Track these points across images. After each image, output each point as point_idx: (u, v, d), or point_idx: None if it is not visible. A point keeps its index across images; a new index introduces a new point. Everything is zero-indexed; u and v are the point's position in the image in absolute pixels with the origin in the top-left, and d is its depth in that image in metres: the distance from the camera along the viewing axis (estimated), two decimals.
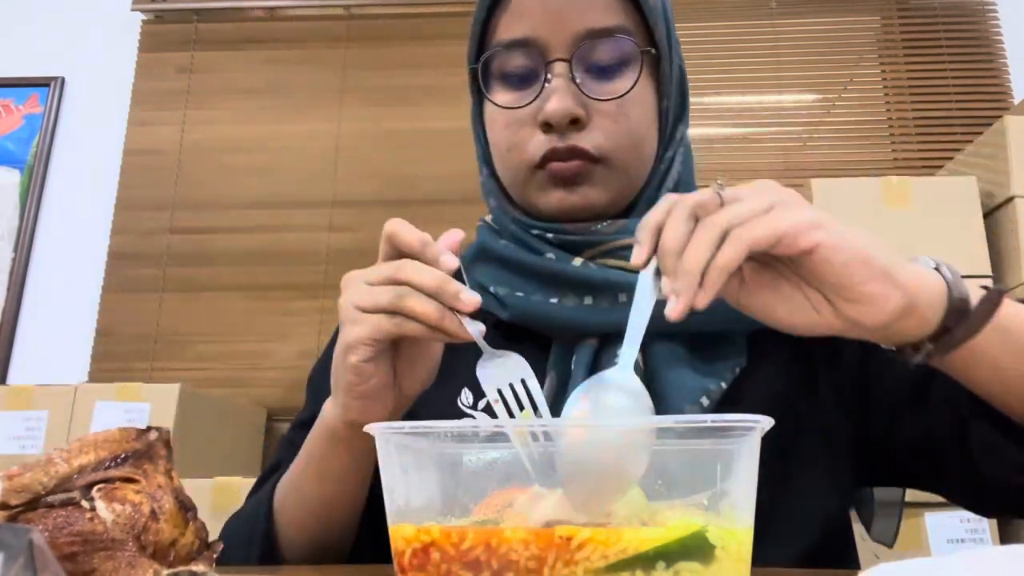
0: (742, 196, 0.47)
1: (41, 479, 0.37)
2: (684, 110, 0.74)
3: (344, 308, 0.57)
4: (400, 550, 0.37)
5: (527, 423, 0.43)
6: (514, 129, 0.69)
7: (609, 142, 0.67)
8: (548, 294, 0.68)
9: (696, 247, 0.45)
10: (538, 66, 0.68)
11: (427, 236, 0.57)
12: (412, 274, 0.54)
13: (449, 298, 0.53)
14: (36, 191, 2.54)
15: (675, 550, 0.33)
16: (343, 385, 0.57)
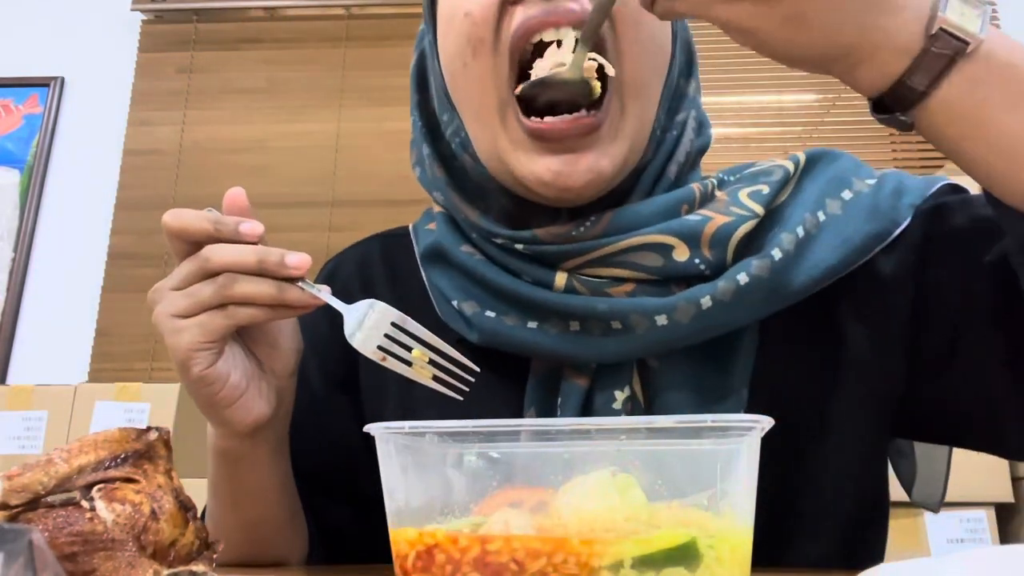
0: None
1: (41, 479, 0.37)
2: (692, 66, 0.62)
3: (160, 321, 0.50)
4: (403, 553, 0.37)
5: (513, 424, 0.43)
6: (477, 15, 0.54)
7: (625, 58, 0.53)
8: (526, 318, 0.55)
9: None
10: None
11: (212, 212, 0.50)
12: (223, 256, 0.48)
13: (275, 267, 0.48)
14: (36, 191, 2.54)
15: (660, 558, 0.33)
16: (204, 403, 0.51)
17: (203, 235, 0.49)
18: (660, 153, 0.59)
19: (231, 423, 0.53)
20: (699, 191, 0.58)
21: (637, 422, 0.38)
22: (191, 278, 0.49)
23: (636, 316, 0.52)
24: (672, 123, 0.60)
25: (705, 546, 0.34)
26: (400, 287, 0.66)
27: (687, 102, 0.61)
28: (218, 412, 0.52)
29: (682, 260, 0.54)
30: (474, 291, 0.58)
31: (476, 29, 0.54)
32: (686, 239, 0.54)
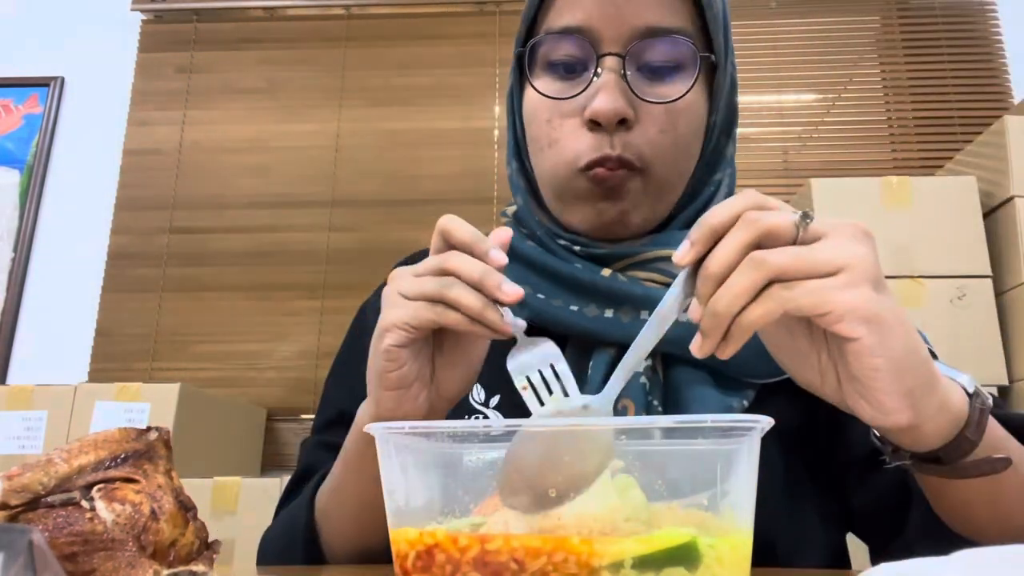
0: (823, 233, 0.43)
1: (41, 479, 0.37)
2: (733, 126, 0.72)
3: (387, 294, 0.55)
4: (403, 553, 0.37)
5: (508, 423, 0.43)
6: (557, 123, 0.65)
7: (652, 151, 0.64)
8: (570, 300, 0.66)
9: (735, 288, 0.42)
10: (588, 58, 0.64)
11: (480, 233, 0.56)
12: (457, 263, 0.53)
13: (492, 288, 0.52)
14: (36, 191, 2.54)
15: (660, 558, 0.33)
16: (376, 373, 0.56)
17: (460, 243, 0.54)
18: (696, 204, 0.70)
19: (380, 405, 0.57)
20: None
21: (637, 422, 0.38)
22: (429, 271, 0.54)
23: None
24: (710, 180, 0.71)
25: (705, 546, 0.34)
26: None
27: (725, 163, 0.71)
28: (378, 390, 0.56)
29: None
30: (530, 278, 0.68)
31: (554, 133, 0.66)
32: None
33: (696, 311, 0.44)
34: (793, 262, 0.42)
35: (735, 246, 0.42)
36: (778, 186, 2.42)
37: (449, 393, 0.58)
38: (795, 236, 0.43)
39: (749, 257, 0.42)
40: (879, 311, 0.42)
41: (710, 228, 0.43)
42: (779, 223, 0.43)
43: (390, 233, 2.45)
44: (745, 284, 0.42)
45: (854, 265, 0.42)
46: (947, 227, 1.80)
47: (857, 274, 0.42)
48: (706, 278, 0.43)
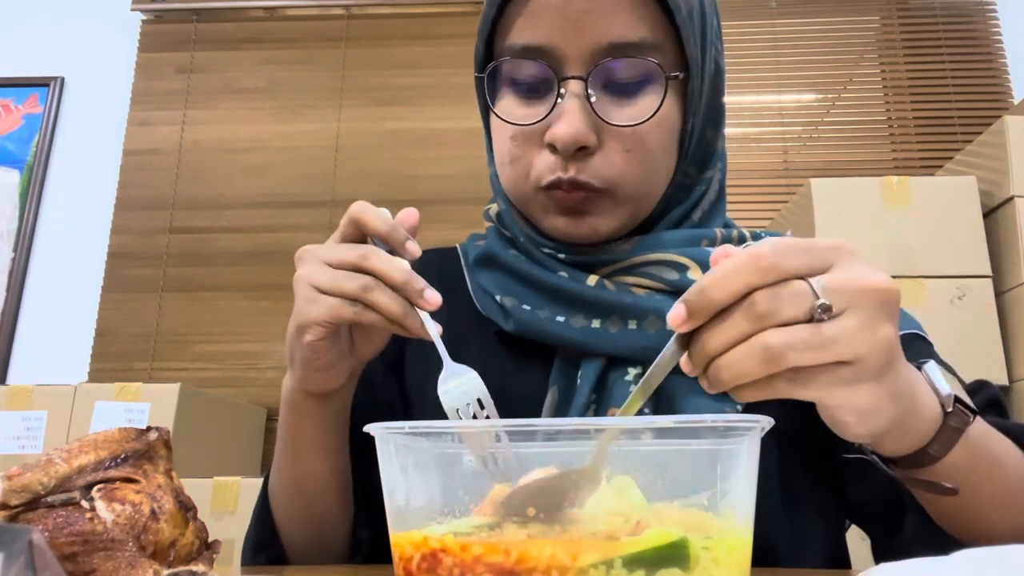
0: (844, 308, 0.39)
1: (41, 479, 0.37)
2: (719, 122, 0.68)
3: (301, 285, 0.55)
4: (407, 555, 0.37)
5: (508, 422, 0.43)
6: (519, 142, 0.63)
7: (616, 174, 0.61)
8: (556, 311, 0.64)
9: (739, 370, 0.39)
10: (551, 79, 0.61)
11: (391, 219, 0.56)
12: (379, 265, 0.53)
13: (413, 294, 0.53)
14: (36, 191, 2.54)
15: (652, 558, 0.33)
16: (299, 361, 0.58)
17: (376, 232, 0.55)
18: (686, 203, 0.68)
19: (309, 383, 0.60)
20: (720, 234, 0.67)
21: (637, 423, 0.38)
22: (345, 264, 0.54)
23: (653, 316, 0.62)
24: (701, 178, 0.68)
25: (700, 547, 0.34)
26: (448, 288, 0.74)
27: (715, 157, 0.69)
28: (305, 372, 0.58)
29: (695, 279, 0.62)
30: (515, 288, 0.67)
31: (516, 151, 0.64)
32: (701, 264, 0.63)
33: (689, 368, 0.42)
34: (807, 357, 0.39)
35: (738, 335, 0.39)
36: (778, 186, 2.42)
37: (366, 357, 0.61)
38: (810, 327, 0.39)
39: (764, 347, 0.38)
40: (873, 405, 0.42)
41: (711, 304, 0.39)
42: (796, 311, 0.39)
43: None
44: (751, 372, 0.39)
45: (865, 358, 0.40)
46: (947, 227, 1.80)
47: (866, 368, 0.40)
48: (704, 355, 0.40)
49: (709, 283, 0.40)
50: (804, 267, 0.40)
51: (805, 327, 0.39)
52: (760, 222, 2.33)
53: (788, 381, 0.40)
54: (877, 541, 0.66)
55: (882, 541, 0.65)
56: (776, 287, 0.39)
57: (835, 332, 0.39)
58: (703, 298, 0.40)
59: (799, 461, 0.65)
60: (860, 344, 0.39)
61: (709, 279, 0.40)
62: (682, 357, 0.42)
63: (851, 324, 0.39)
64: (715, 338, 0.40)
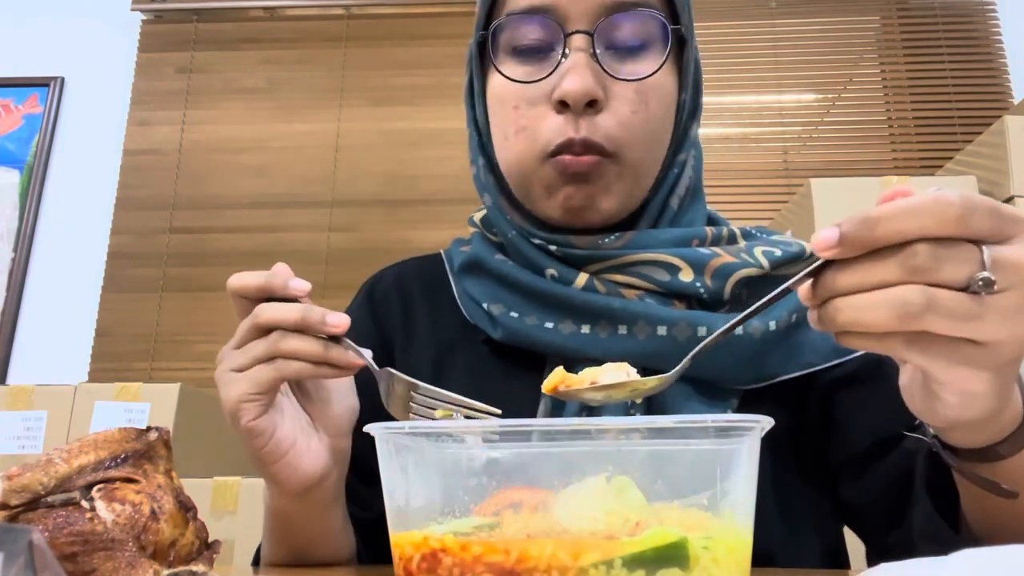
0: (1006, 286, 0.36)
1: (41, 479, 0.37)
2: (698, 107, 0.69)
3: (218, 376, 0.53)
4: (407, 555, 0.37)
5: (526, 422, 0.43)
6: (524, 109, 0.62)
7: (624, 132, 0.60)
8: (544, 317, 0.63)
9: (863, 314, 0.36)
10: (555, 38, 0.61)
11: (267, 272, 0.54)
12: (270, 315, 0.51)
13: (316, 325, 0.51)
14: (36, 191, 2.54)
15: (651, 558, 0.33)
16: (252, 456, 0.54)
17: (256, 291, 0.53)
18: (663, 188, 0.67)
19: (278, 480, 0.55)
20: (711, 233, 0.66)
21: (637, 422, 0.38)
22: (247, 336, 0.53)
23: (642, 322, 0.60)
24: (675, 162, 0.67)
25: (700, 547, 0.34)
26: (433, 297, 0.74)
27: (689, 143, 0.68)
28: (265, 467, 0.54)
29: (686, 280, 0.62)
30: (502, 295, 0.66)
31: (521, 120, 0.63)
32: (692, 265, 0.62)
33: (807, 297, 0.38)
34: (944, 325, 0.36)
35: (880, 280, 0.36)
36: (778, 186, 2.42)
37: (340, 428, 0.57)
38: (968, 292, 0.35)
39: (903, 302, 0.35)
40: (982, 393, 0.39)
41: (871, 238, 0.36)
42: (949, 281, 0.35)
43: (390, 233, 2.46)
44: (876, 323, 0.36)
45: (1001, 346, 0.37)
46: None
47: (996, 356, 0.37)
48: (830, 289, 0.37)
49: (879, 215, 0.35)
50: (987, 231, 0.36)
51: (955, 294, 0.35)
52: (760, 222, 2.33)
53: (907, 343, 0.37)
54: (874, 538, 0.65)
55: (879, 538, 0.64)
56: (945, 244, 0.35)
57: (984, 309, 0.35)
58: (864, 228, 0.35)
59: (793, 464, 0.65)
60: (1003, 329, 0.36)
61: (880, 211, 0.35)
62: (805, 285, 0.38)
63: (1005, 305, 0.36)
64: (853, 276, 0.36)
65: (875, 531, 0.65)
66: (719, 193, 2.41)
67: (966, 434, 0.45)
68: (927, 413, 0.43)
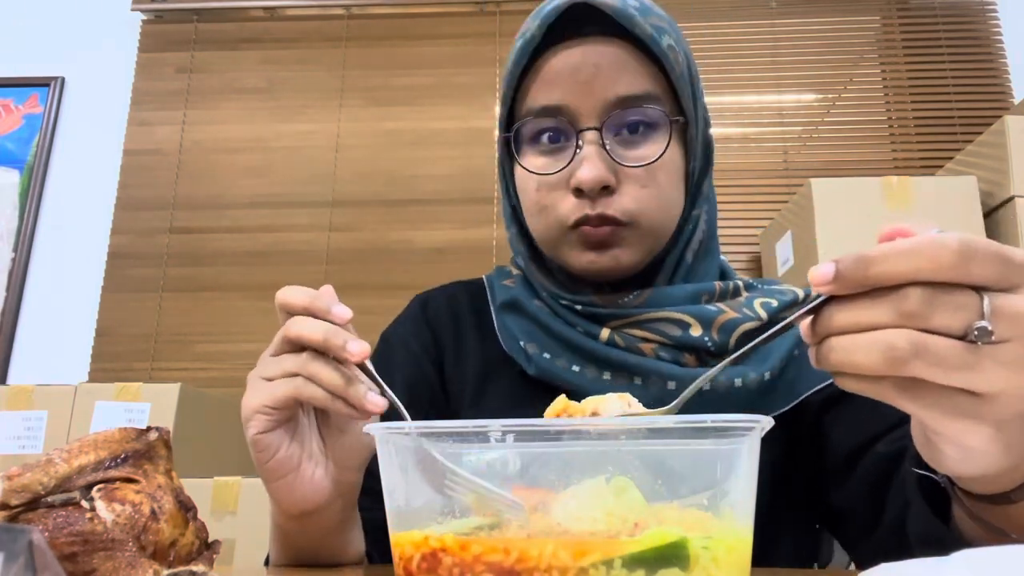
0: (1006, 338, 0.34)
1: (41, 479, 0.37)
2: (709, 164, 0.75)
3: (249, 378, 0.54)
4: (407, 555, 0.37)
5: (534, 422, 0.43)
6: (545, 192, 0.70)
7: (637, 206, 0.68)
8: (572, 362, 0.71)
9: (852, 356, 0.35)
10: (569, 132, 0.68)
11: (317, 293, 0.55)
12: (298, 329, 0.52)
13: (336, 349, 0.51)
14: (36, 191, 2.54)
15: (651, 558, 0.33)
16: (257, 468, 0.54)
17: (299, 309, 0.53)
18: (679, 243, 0.74)
19: (275, 498, 0.56)
20: (719, 288, 0.73)
21: (637, 423, 0.38)
22: (280, 348, 0.54)
23: (655, 376, 0.68)
24: (689, 217, 0.74)
25: (699, 547, 0.34)
26: (478, 321, 0.83)
27: (702, 199, 0.75)
28: (266, 483, 0.55)
29: (695, 335, 0.69)
30: (537, 336, 0.74)
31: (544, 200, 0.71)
32: (701, 322, 0.69)
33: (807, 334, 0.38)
34: (934, 373, 0.35)
35: (871, 322, 0.35)
36: (778, 186, 2.42)
37: (351, 462, 0.56)
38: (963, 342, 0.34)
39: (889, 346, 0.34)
40: (981, 449, 0.37)
41: (864, 278, 0.35)
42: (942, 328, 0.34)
43: (390, 233, 2.46)
44: (864, 365, 0.35)
45: (999, 399, 0.35)
46: (947, 227, 1.77)
47: (994, 409, 0.35)
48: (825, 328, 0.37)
49: (874, 255, 0.35)
50: (990, 278, 0.34)
51: (947, 342, 0.34)
52: (760, 222, 2.33)
53: (897, 389, 0.36)
54: (855, 546, 0.69)
55: (858, 546, 0.68)
56: (939, 290, 0.34)
57: (979, 359, 0.34)
58: (859, 268, 0.35)
59: (785, 493, 0.70)
60: (1001, 381, 0.34)
61: (876, 251, 0.35)
62: (805, 321, 0.38)
63: (1003, 356, 0.34)
64: (846, 315, 0.36)
65: (856, 535, 0.68)
66: (720, 193, 2.40)
67: (977, 483, 0.43)
68: (933, 463, 0.42)
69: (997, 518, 0.45)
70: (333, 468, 0.56)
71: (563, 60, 0.68)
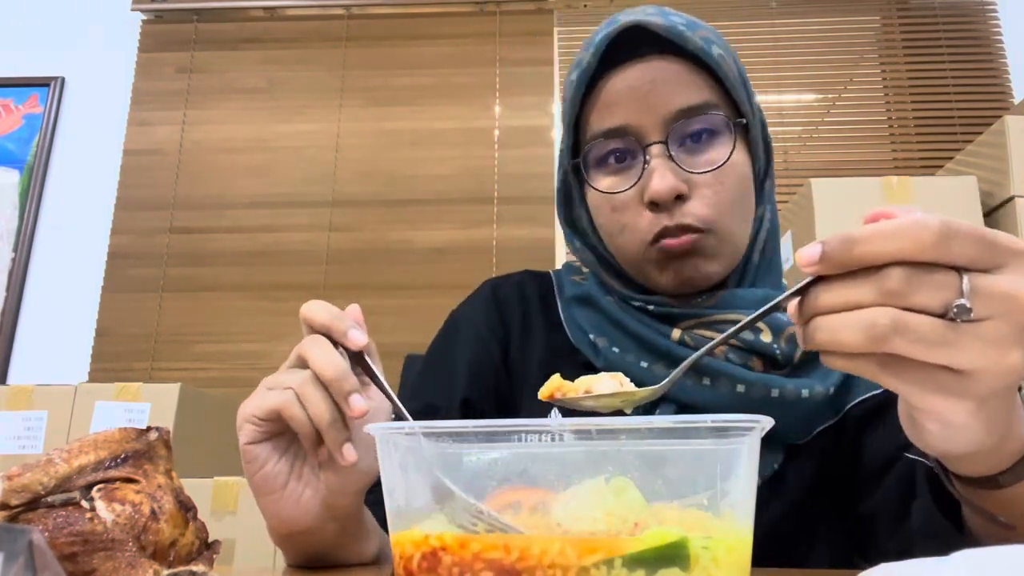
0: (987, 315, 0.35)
1: (41, 479, 0.37)
2: (770, 164, 0.76)
3: (259, 386, 0.53)
4: (408, 554, 0.37)
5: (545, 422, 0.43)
6: (621, 211, 0.70)
7: (712, 211, 0.68)
8: (641, 357, 0.71)
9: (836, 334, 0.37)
10: (636, 150, 0.69)
11: (340, 313, 0.53)
12: (312, 354, 0.50)
13: (340, 396, 0.49)
14: (36, 191, 2.54)
15: (651, 557, 0.33)
16: (246, 477, 0.54)
17: (320, 327, 0.52)
18: (750, 245, 0.74)
19: (264, 514, 0.55)
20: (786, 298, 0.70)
21: (637, 422, 0.38)
22: (292, 362, 0.53)
23: (724, 378, 0.67)
24: (755, 218, 0.74)
25: (699, 547, 0.34)
26: (546, 311, 0.83)
27: (764, 198, 0.75)
28: (255, 497, 0.54)
29: (765, 341, 0.69)
30: (607, 330, 0.74)
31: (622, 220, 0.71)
32: (772, 328, 0.70)
33: (794, 315, 0.40)
34: (913, 350, 0.36)
35: (854, 301, 0.36)
36: (778, 186, 2.41)
37: (343, 487, 0.54)
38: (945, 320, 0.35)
39: (871, 323, 0.35)
40: (963, 425, 0.38)
41: (849, 258, 0.36)
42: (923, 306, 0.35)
43: (390, 233, 2.46)
44: (848, 343, 0.36)
45: (979, 375, 0.36)
46: None
47: (974, 386, 0.37)
48: (812, 308, 0.38)
49: (858, 235, 0.36)
50: (969, 258, 0.36)
51: (926, 319, 0.35)
52: None
53: (880, 366, 0.37)
54: (875, 548, 0.69)
55: (878, 548, 0.68)
56: (920, 270, 0.36)
57: (959, 336, 0.35)
58: (844, 248, 0.36)
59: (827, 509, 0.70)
60: (980, 358, 0.36)
61: (861, 232, 0.36)
62: (793, 302, 0.39)
63: (984, 334, 0.35)
64: (830, 296, 0.37)
65: (879, 538, 0.68)
66: None
67: (963, 464, 0.44)
68: (918, 441, 0.43)
69: (991, 504, 0.46)
70: (325, 491, 0.54)
71: (621, 82, 0.69)
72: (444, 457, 0.40)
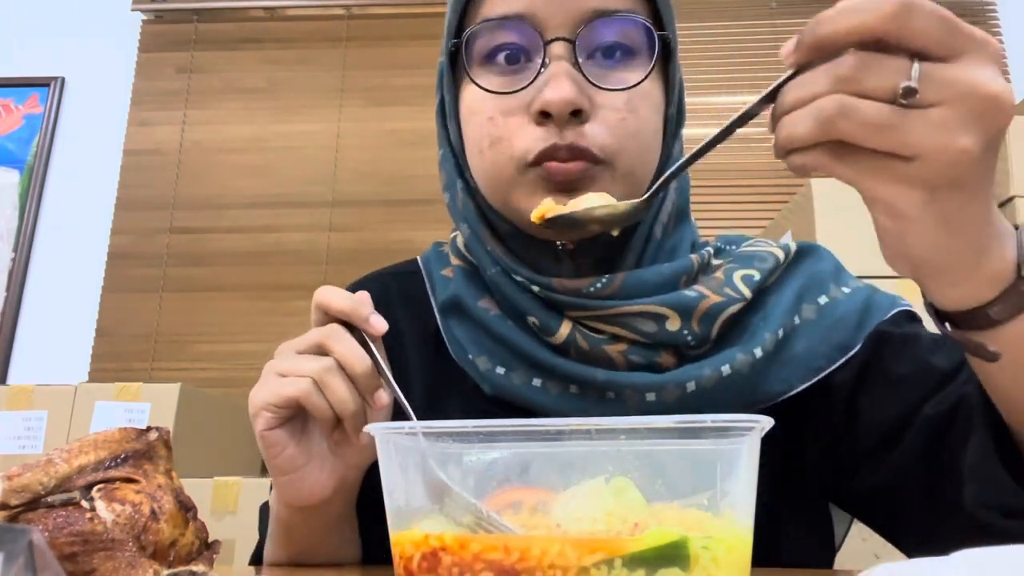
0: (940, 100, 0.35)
1: (41, 479, 0.37)
2: (680, 124, 0.65)
3: (264, 369, 0.53)
4: (407, 555, 0.37)
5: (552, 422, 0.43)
6: (500, 121, 0.57)
7: (615, 141, 0.56)
8: (531, 375, 0.60)
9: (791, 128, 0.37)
10: (534, 46, 0.56)
11: (357, 297, 0.53)
12: (339, 348, 0.50)
13: (365, 390, 0.50)
14: (36, 191, 2.54)
15: (651, 557, 0.33)
16: (265, 460, 0.54)
17: (339, 313, 0.52)
18: (648, 216, 0.62)
19: (281, 492, 0.56)
20: (697, 262, 0.62)
21: (637, 422, 0.38)
22: (310, 348, 0.52)
23: (630, 391, 0.57)
24: (655, 171, 0.62)
25: (699, 547, 0.34)
26: (421, 330, 0.69)
27: (671, 162, 0.63)
28: (274, 477, 0.55)
29: (673, 330, 0.58)
30: (488, 345, 0.62)
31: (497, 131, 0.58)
32: (680, 313, 0.58)
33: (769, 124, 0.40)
34: (859, 133, 0.36)
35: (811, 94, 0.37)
36: (778, 186, 2.42)
37: (357, 460, 0.55)
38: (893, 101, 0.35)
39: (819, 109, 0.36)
40: (915, 217, 0.38)
41: (814, 38, 0.38)
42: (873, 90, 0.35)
43: (390, 233, 2.46)
44: (801, 136, 0.37)
45: (926, 160, 0.36)
46: None
47: (924, 172, 0.36)
48: (778, 109, 0.39)
49: (824, 15, 0.37)
50: (930, 38, 0.35)
51: (872, 103, 0.35)
52: (760, 222, 2.33)
53: (830, 154, 0.37)
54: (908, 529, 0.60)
55: (912, 530, 0.60)
56: (872, 54, 0.36)
57: (904, 119, 0.35)
58: (811, 30, 0.38)
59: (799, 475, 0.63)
60: (927, 143, 0.35)
61: (826, 12, 0.37)
62: (768, 109, 0.40)
63: (932, 119, 0.35)
64: (792, 92, 0.38)
65: (905, 516, 0.60)
66: (719, 193, 2.41)
67: (943, 289, 0.42)
68: (888, 258, 0.42)
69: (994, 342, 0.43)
70: (340, 465, 0.55)
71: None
72: (444, 457, 0.40)
